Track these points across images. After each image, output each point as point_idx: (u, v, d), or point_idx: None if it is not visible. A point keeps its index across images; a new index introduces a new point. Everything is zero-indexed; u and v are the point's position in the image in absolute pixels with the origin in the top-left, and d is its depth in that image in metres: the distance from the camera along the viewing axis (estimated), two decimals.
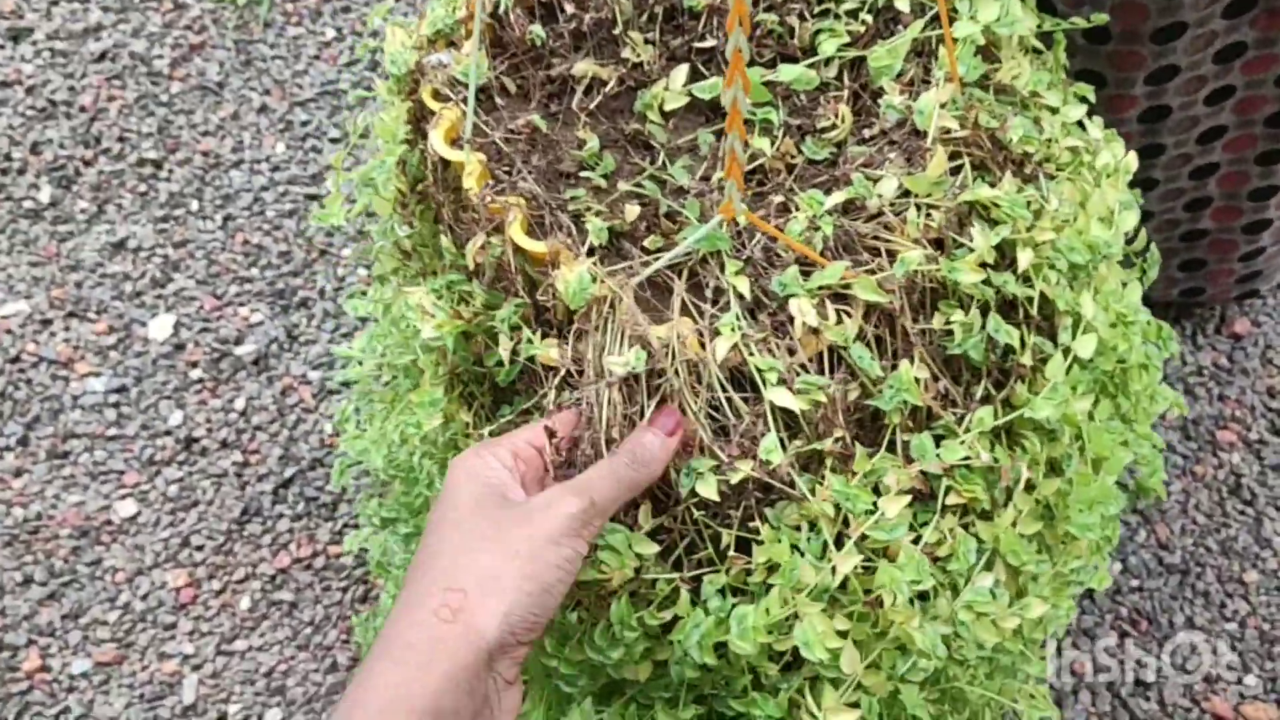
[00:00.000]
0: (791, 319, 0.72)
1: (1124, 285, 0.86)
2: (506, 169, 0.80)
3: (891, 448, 0.74)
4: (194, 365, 1.55)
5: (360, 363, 1.05)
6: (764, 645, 0.69)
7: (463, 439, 0.80)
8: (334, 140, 1.73)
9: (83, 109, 1.75)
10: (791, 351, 0.72)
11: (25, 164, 1.70)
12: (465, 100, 0.81)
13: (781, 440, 0.70)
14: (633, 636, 0.71)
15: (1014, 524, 0.75)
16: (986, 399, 0.77)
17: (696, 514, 0.72)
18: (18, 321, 1.58)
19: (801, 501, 0.71)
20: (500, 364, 0.76)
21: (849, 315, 0.73)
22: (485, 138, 0.82)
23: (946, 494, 0.73)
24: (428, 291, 0.78)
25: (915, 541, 0.71)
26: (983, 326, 0.75)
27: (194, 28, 1.84)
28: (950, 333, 0.75)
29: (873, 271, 0.73)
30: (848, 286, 0.73)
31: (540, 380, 0.76)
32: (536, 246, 0.74)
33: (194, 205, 1.68)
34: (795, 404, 0.70)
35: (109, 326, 1.58)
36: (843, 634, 0.70)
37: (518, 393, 0.80)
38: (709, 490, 0.69)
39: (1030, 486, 0.76)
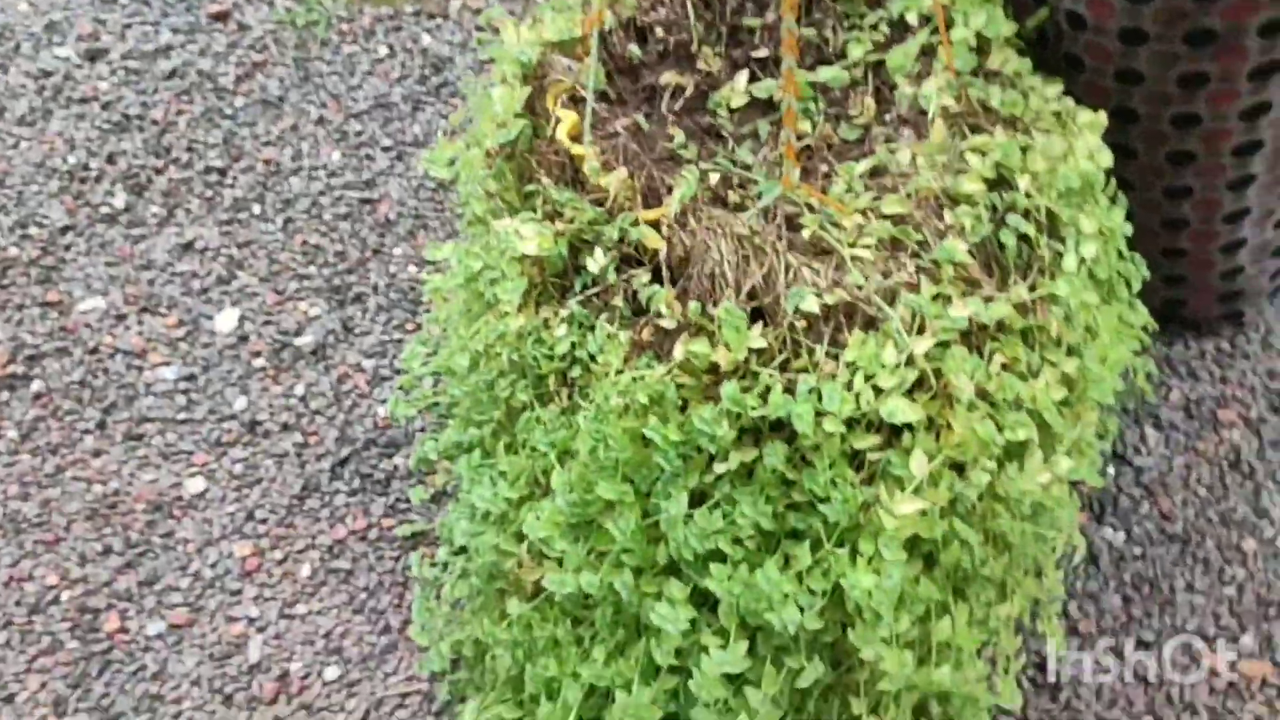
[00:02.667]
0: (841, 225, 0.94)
1: (1109, 208, 1.07)
2: (613, 154, 1.04)
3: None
4: (257, 355, 1.67)
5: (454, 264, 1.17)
6: (849, 423, 0.86)
7: (543, 331, 0.94)
8: (385, 148, 1.86)
9: (154, 122, 1.89)
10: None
11: (102, 173, 1.84)
12: (582, 101, 1.05)
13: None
14: (735, 417, 0.87)
15: (1045, 387, 0.93)
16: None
17: (797, 327, 0.89)
18: (95, 316, 1.71)
19: (882, 321, 0.89)
20: (583, 268, 0.96)
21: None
22: (600, 131, 1.05)
23: (992, 356, 0.90)
24: (523, 220, 0.94)
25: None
26: (993, 221, 0.94)
27: (256, 47, 1.97)
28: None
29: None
30: (877, 207, 0.94)
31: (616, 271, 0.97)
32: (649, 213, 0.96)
33: (256, 209, 1.81)
34: (868, 249, 0.91)
35: (179, 320, 1.71)
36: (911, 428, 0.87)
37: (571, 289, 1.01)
38: (811, 305, 0.88)
39: (1053, 364, 0.94)
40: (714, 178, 1.02)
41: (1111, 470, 1.46)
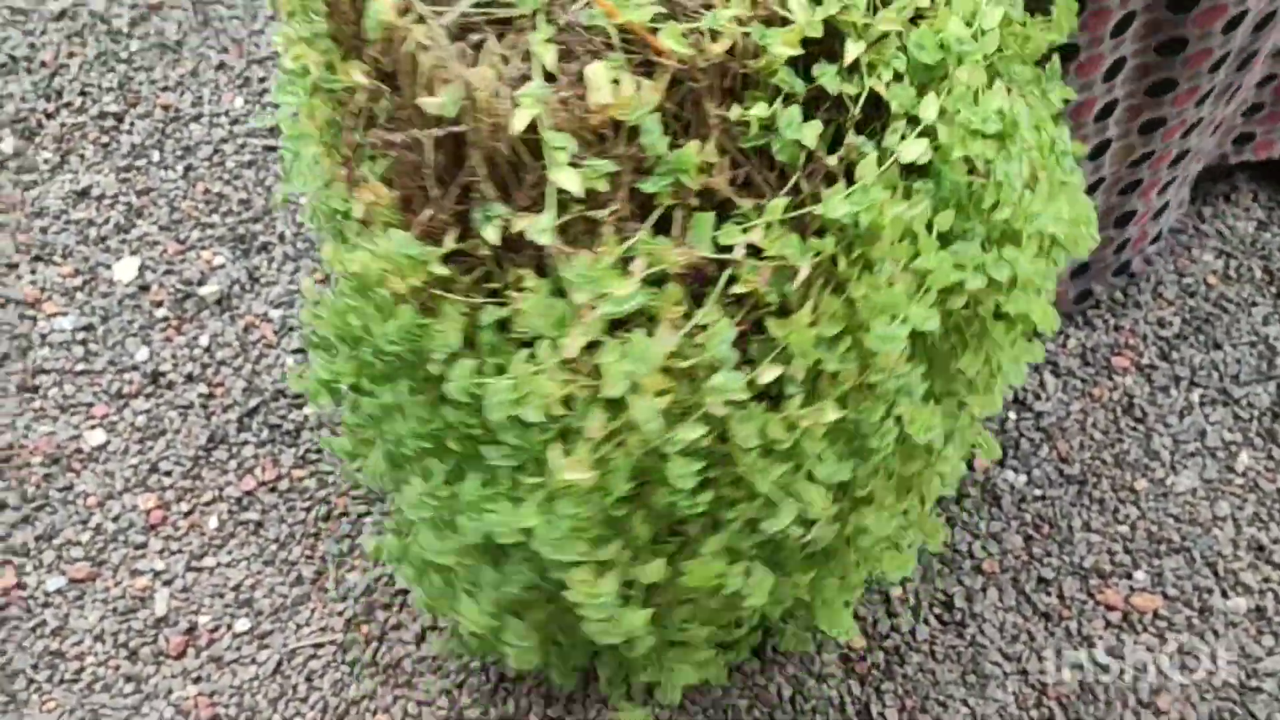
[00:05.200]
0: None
1: (979, 92, 0.80)
2: None
3: (666, 228, 0.75)
4: (159, 305, 1.62)
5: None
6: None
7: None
8: None
9: (43, 64, 1.81)
10: (585, 118, 0.73)
11: None
12: None
13: (563, 202, 0.73)
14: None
15: (812, 324, 0.76)
16: (796, 192, 0.76)
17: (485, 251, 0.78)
18: None
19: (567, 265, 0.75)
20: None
21: (652, 87, 0.72)
22: None
23: (729, 284, 0.75)
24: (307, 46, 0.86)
25: (687, 318, 0.75)
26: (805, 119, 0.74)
27: None
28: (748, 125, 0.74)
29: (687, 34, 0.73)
30: (655, 32, 0.72)
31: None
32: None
33: (155, 156, 1.75)
34: (577, 185, 0.72)
35: (75, 269, 1.65)
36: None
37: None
38: (493, 235, 0.75)
39: (839, 288, 0.76)
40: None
41: (1012, 415, 1.51)
